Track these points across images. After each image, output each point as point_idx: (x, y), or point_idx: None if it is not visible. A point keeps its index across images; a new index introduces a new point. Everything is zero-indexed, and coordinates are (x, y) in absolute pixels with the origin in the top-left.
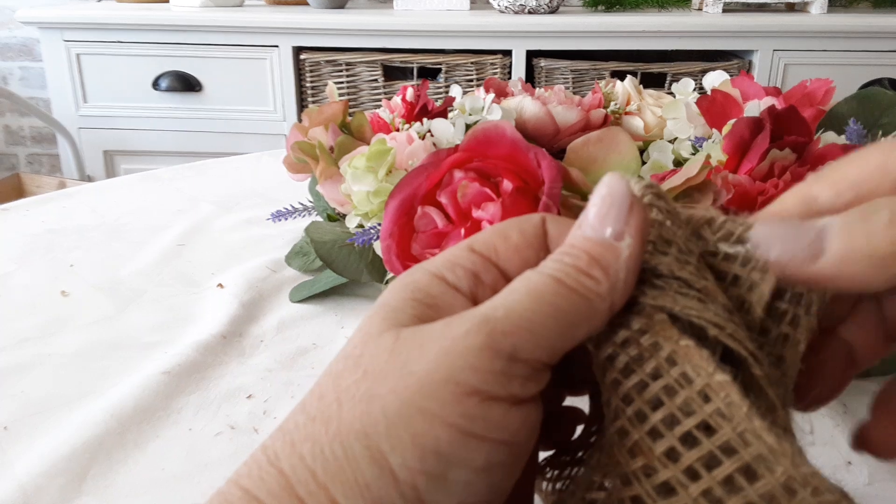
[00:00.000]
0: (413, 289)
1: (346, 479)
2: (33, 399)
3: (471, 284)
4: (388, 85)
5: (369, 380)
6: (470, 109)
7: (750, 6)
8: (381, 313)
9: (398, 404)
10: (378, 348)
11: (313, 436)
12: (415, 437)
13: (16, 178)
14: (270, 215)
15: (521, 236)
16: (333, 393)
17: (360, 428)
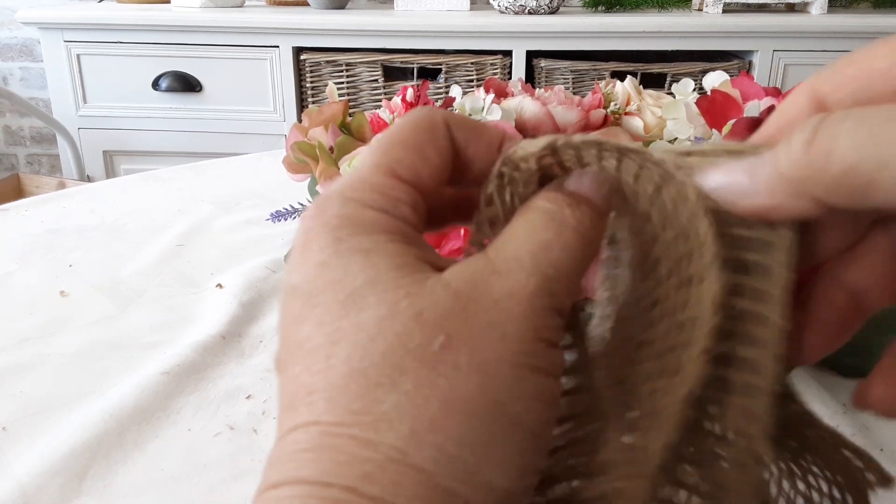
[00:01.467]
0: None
1: (499, 456)
2: (33, 399)
3: (414, 217)
4: (388, 85)
5: (463, 345)
6: (470, 110)
7: (750, 6)
8: (382, 262)
9: (511, 367)
10: (438, 304)
11: (441, 422)
12: (537, 393)
13: (15, 179)
14: (270, 215)
15: (438, 155)
16: (417, 362)
17: (490, 399)
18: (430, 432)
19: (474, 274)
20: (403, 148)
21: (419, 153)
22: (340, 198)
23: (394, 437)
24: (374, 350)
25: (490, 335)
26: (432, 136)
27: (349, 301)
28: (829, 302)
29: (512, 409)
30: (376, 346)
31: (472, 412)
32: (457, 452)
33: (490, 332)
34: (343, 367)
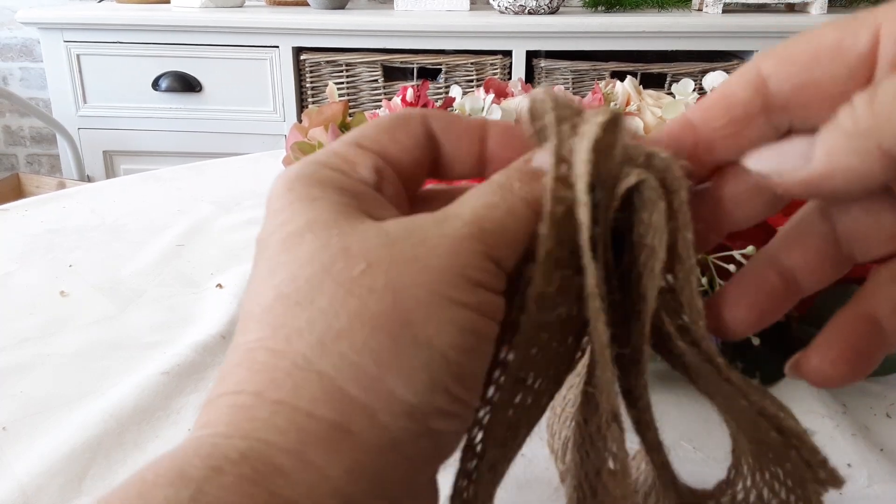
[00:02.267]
0: (332, 186)
1: (401, 366)
2: (33, 399)
3: (373, 178)
4: (388, 85)
5: (381, 272)
6: (470, 110)
7: (750, 6)
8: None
9: (428, 293)
10: (367, 241)
11: (347, 333)
12: (452, 320)
13: (15, 179)
14: None
15: (408, 137)
16: (335, 284)
17: (400, 317)
18: (336, 341)
19: (412, 221)
20: (372, 127)
21: (388, 132)
22: (304, 160)
23: (302, 346)
24: (301, 276)
25: (411, 265)
26: (403, 122)
27: (289, 239)
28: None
29: (422, 330)
30: (303, 272)
31: (379, 326)
32: (359, 360)
33: (412, 263)
34: (273, 291)
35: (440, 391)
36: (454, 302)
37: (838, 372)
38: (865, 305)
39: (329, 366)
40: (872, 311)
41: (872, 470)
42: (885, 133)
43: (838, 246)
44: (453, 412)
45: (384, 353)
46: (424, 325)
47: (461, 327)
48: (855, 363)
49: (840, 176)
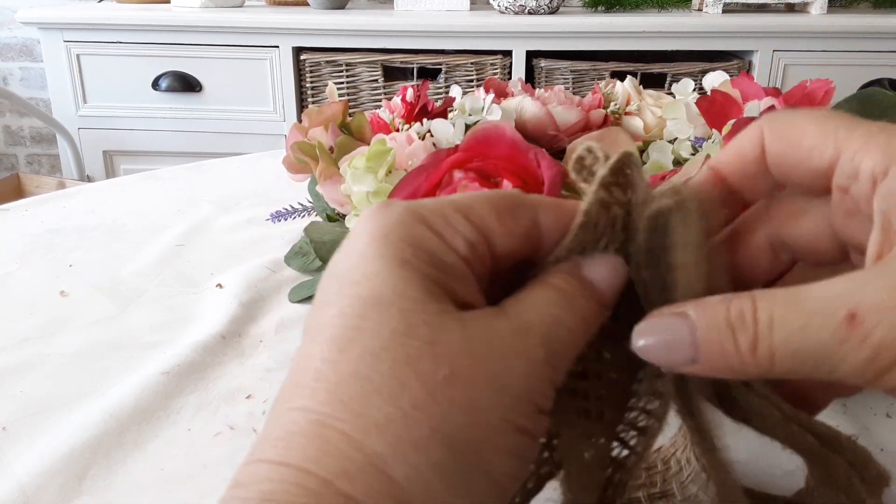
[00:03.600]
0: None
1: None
2: (33, 399)
3: (468, 252)
4: (388, 85)
5: (462, 384)
6: (470, 110)
7: (750, 6)
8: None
9: (500, 419)
10: (452, 343)
11: (424, 446)
12: (514, 450)
13: (15, 179)
14: (270, 215)
15: (516, 225)
16: (420, 384)
17: (473, 441)
18: (413, 452)
19: (491, 324)
20: (483, 200)
21: (496, 211)
22: (406, 204)
23: (380, 445)
24: (384, 360)
25: (490, 384)
26: (514, 205)
27: (373, 303)
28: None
29: (488, 457)
30: (387, 356)
31: (453, 447)
32: (430, 476)
33: (491, 382)
34: (351, 365)
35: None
36: (519, 430)
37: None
38: None
39: (402, 475)
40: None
41: None
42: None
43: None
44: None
45: (453, 476)
46: (491, 452)
47: (519, 456)
48: None
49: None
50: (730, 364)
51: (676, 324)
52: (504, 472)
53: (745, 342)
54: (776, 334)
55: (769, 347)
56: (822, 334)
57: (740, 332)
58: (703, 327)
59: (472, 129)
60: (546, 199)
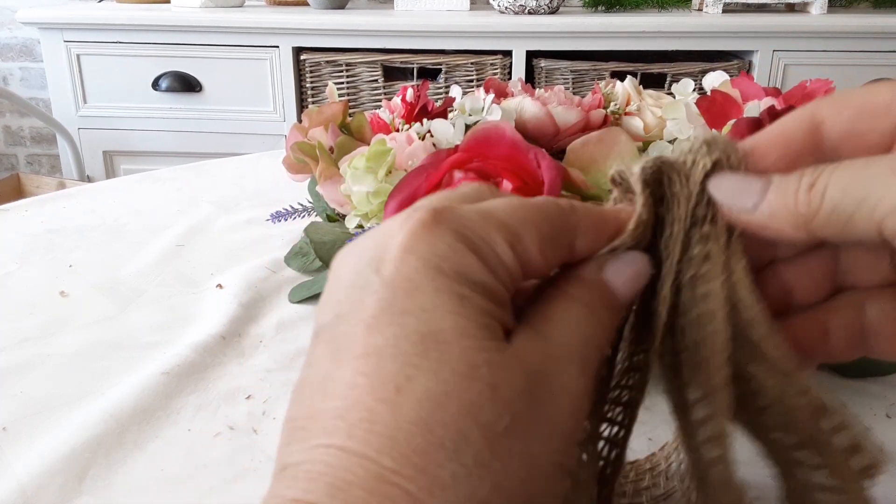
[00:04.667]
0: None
1: None
2: (33, 399)
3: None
4: (388, 85)
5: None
6: (470, 110)
7: (750, 6)
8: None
9: (552, 465)
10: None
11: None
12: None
13: (15, 179)
14: (270, 216)
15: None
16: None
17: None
18: (447, 461)
19: (542, 356)
20: (529, 226)
21: (539, 239)
22: (453, 227)
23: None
24: (447, 409)
25: (543, 429)
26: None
27: (431, 339)
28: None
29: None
30: (450, 404)
31: (513, 500)
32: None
33: (544, 426)
34: (412, 412)
35: None
36: (566, 471)
37: None
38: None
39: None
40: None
41: None
42: (812, 224)
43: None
44: None
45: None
46: (545, 500)
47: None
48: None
49: (773, 232)
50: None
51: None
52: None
53: (806, 181)
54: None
55: (825, 185)
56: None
57: (807, 175)
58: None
59: (472, 129)
60: (587, 219)
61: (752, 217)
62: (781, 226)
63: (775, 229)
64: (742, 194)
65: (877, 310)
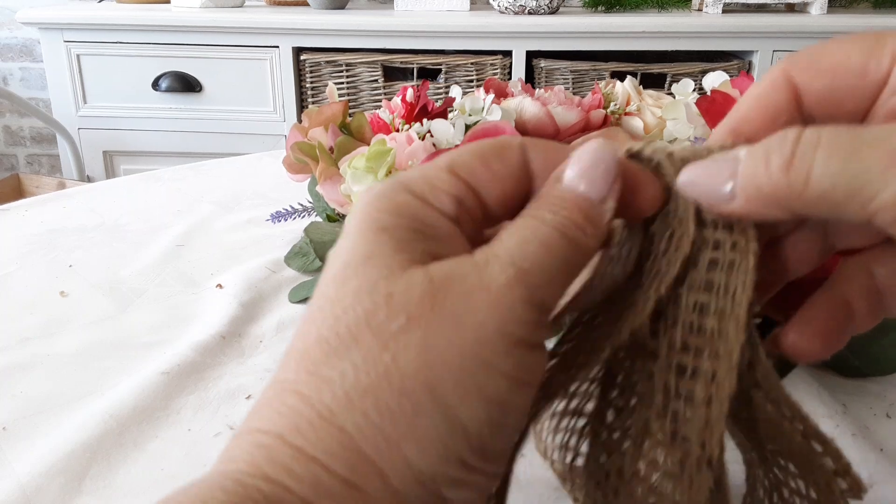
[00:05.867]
0: (407, 215)
1: (419, 435)
2: (33, 399)
3: (455, 210)
4: (388, 85)
5: (418, 328)
6: (470, 110)
7: (750, 6)
8: (387, 241)
9: (460, 358)
10: (411, 289)
11: (373, 391)
12: (480, 390)
13: (15, 179)
14: (270, 216)
15: (504, 166)
16: (373, 337)
17: (426, 381)
18: (361, 399)
19: (454, 267)
20: (468, 151)
21: (482, 159)
22: (395, 177)
23: (329, 398)
24: (343, 321)
25: (449, 323)
26: (500, 149)
27: (342, 271)
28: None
29: (447, 398)
30: (346, 317)
31: (404, 389)
32: (379, 422)
33: (450, 321)
34: (315, 333)
35: (455, 463)
36: (487, 367)
37: (812, 347)
38: (839, 290)
39: (350, 423)
40: (845, 295)
41: (872, 470)
42: (794, 206)
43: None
44: (469, 482)
45: (404, 419)
46: (450, 393)
47: (488, 399)
48: (827, 340)
49: (756, 217)
50: (759, 186)
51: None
52: (470, 415)
53: (778, 160)
54: (819, 153)
55: (807, 166)
56: (869, 159)
57: (777, 150)
58: (745, 158)
59: (472, 129)
60: (534, 140)
61: (731, 207)
62: (762, 210)
63: (758, 214)
64: (713, 183)
65: (884, 270)
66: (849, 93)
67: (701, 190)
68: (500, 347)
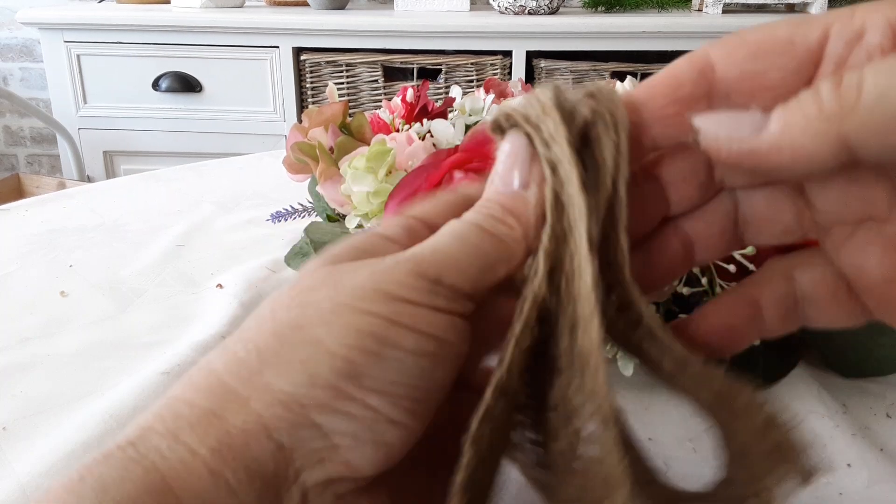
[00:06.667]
0: (352, 241)
1: (280, 360)
2: (33, 399)
3: (405, 237)
4: (389, 86)
5: (302, 293)
6: (470, 110)
7: (750, 6)
8: (320, 258)
9: (331, 304)
10: (314, 277)
11: (244, 337)
12: (349, 324)
13: (15, 179)
14: (270, 216)
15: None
16: (269, 307)
17: (295, 321)
18: (234, 344)
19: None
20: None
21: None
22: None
23: (214, 355)
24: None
25: (328, 286)
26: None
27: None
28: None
29: (312, 332)
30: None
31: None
32: (245, 357)
33: (330, 285)
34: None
35: (321, 386)
36: (358, 310)
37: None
38: (753, 291)
39: (220, 363)
40: (757, 297)
41: (872, 470)
42: (847, 120)
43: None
44: (345, 411)
45: (268, 351)
46: (316, 327)
47: (359, 330)
48: (726, 338)
49: (788, 153)
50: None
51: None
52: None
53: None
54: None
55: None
56: None
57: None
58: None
59: (473, 129)
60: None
61: (755, 143)
62: (800, 141)
63: (791, 149)
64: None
65: (808, 276)
66: (773, 64)
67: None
68: (373, 297)
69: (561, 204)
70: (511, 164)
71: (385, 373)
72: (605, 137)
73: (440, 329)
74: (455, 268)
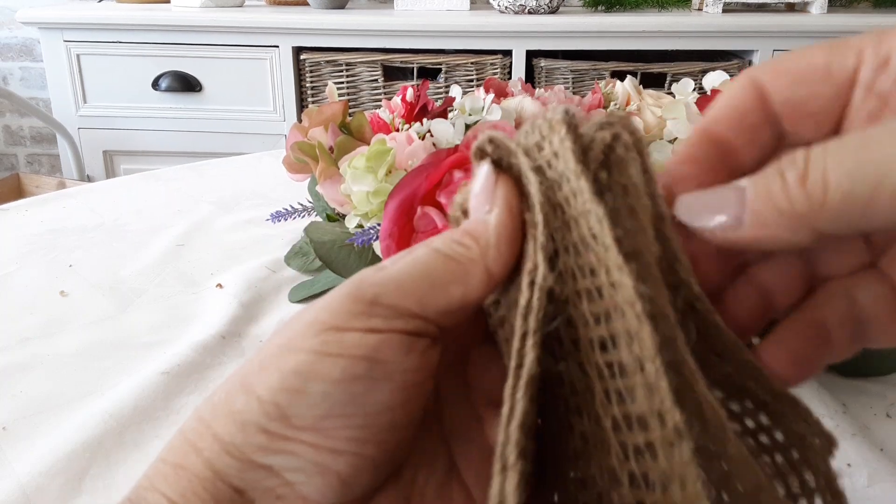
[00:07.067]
0: None
1: (221, 412)
2: (33, 399)
3: None
4: (388, 85)
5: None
6: (470, 110)
7: (750, 6)
8: None
9: (273, 348)
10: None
11: (213, 398)
12: (278, 366)
13: (15, 179)
14: (270, 216)
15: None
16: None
17: (241, 371)
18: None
19: None
20: None
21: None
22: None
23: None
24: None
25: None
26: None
27: None
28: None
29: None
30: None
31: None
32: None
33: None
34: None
35: (253, 430)
36: (289, 349)
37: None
38: (817, 314)
39: (189, 426)
40: (822, 319)
41: (872, 470)
42: (818, 218)
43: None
44: (282, 449)
45: (220, 406)
46: (253, 375)
47: (283, 370)
48: (799, 366)
49: (767, 242)
50: (777, 206)
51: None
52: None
53: (792, 176)
54: (830, 159)
55: (822, 174)
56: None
57: (788, 169)
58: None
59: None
60: None
61: (739, 233)
62: (777, 233)
63: (771, 238)
64: (714, 210)
65: (867, 294)
66: (813, 92)
67: (701, 219)
68: (307, 333)
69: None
70: (478, 191)
71: (311, 409)
72: (627, 158)
73: (371, 349)
74: (395, 287)
